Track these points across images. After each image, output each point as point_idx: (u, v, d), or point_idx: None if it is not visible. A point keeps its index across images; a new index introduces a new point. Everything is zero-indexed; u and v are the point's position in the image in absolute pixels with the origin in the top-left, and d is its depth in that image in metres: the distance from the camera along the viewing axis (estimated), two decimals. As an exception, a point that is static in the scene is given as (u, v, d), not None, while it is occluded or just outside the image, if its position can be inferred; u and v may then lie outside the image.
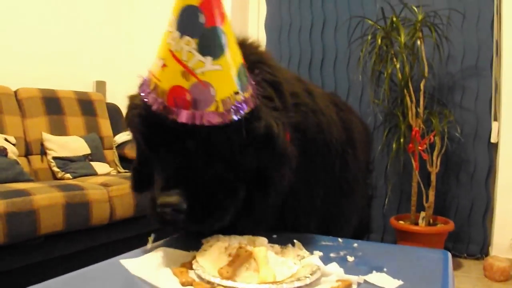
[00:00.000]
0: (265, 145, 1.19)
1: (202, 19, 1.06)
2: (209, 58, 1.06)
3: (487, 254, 3.52)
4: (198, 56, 1.06)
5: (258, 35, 4.39)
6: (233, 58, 1.12)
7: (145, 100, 1.12)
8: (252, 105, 1.14)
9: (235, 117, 1.10)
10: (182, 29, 1.06)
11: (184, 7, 1.07)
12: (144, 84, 1.16)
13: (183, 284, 0.99)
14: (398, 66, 3.27)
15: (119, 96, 4.51)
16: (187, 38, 1.06)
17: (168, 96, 1.08)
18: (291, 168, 1.27)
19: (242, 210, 1.23)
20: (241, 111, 1.11)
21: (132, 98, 1.25)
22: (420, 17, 3.25)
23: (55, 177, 3.35)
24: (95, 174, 3.41)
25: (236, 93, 1.12)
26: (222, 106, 1.09)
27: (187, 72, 1.06)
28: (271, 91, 1.25)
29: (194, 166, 1.14)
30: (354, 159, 1.75)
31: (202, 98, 1.07)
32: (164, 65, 1.09)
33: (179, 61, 1.06)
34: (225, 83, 1.10)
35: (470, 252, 3.63)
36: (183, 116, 1.07)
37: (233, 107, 1.10)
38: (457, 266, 3.44)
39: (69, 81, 4.05)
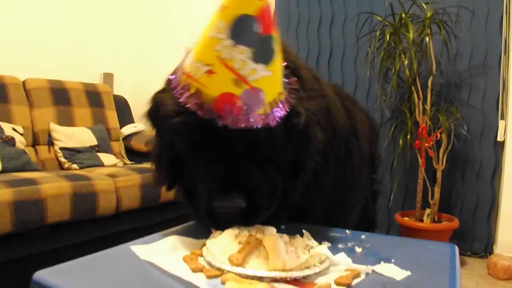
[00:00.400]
0: (303, 138, 1.24)
1: (258, 28, 1.08)
2: (261, 65, 1.09)
3: (491, 252, 3.52)
4: (251, 64, 1.08)
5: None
6: (279, 60, 1.15)
7: (187, 105, 1.12)
8: (290, 101, 1.18)
9: (279, 116, 1.14)
10: (236, 39, 1.07)
11: (240, 17, 1.08)
12: (177, 86, 1.16)
13: (193, 270, 1.00)
14: (406, 62, 3.27)
15: (127, 88, 4.56)
16: (242, 47, 1.07)
17: (217, 102, 1.09)
18: (318, 152, 1.32)
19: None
20: (284, 110, 1.15)
21: (161, 99, 1.25)
22: (429, 14, 3.24)
23: (61, 168, 3.37)
24: (101, 165, 3.43)
25: (280, 93, 1.15)
26: (269, 108, 1.12)
27: (240, 80, 1.08)
28: (295, 80, 1.26)
29: (244, 167, 1.17)
30: (358, 148, 1.75)
31: (253, 103, 1.09)
32: (210, 71, 1.09)
33: (231, 69, 1.07)
34: (274, 86, 1.14)
35: (474, 250, 3.63)
36: (235, 121, 1.09)
37: (277, 107, 1.13)
38: (461, 264, 3.42)
39: (77, 72, 4.08)
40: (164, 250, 1.12)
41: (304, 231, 1.26)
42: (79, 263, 1.04)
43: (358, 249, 1.25)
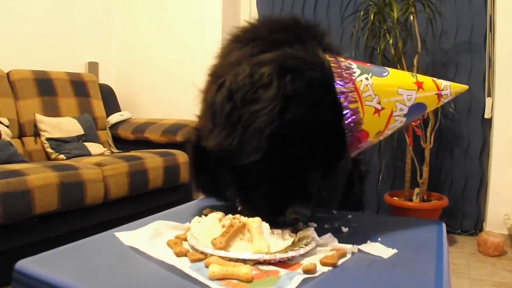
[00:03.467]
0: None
1: None
2: None
3: (481, 229, 3.54)
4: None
5: (250, 12, 4.37)
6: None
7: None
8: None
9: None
10: None
11: None
12: (345, 95, 1.14)
13: (177, 254, 1.00)
14: (391, 42, 3.25)
15: (112, 76, 4.53)
16: None
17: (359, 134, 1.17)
18: None
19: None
20: None
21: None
22: (413, -8, 3.23)
23: (49, 158, 3.34)
24: (89, 154, 3.40)
25: None
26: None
27: (382, 132, 1.24)
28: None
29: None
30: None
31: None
32: (378, 111, 1.17)
33: (388, 121, 1.22)
34: None
35: (464, 228, 3.65)
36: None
37: None
38: (451, 242, 3.46)
39: (62, 62, 4.03)
40: (148, 235, 1.11)
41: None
42: (62, 251, 1.03)
43: (345, 229, 1.26)
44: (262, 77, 1.08)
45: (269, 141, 1.06)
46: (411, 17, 3.22)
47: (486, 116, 3.51)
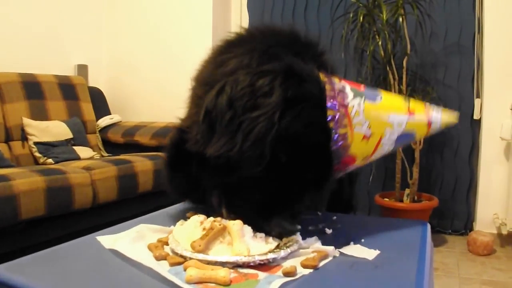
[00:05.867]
0: None
1: None
2: None
3: (471, 229, 3.56)
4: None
5: (241, 15, 4.36)
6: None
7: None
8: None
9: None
10: None
11: None
12: (336, 121, 1.13)
13: (157, 258, 0.99)
14: (380, 43, 3.26)
15: (102, 79, 4.51)
16: None
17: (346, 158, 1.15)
18: None
19: None
20: None
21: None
22: (402, -6, 3.23)
23: (37, 163, 3.32)
24: (77, 158, 3.38)
25: None
26: None
27: (371, 156, 1.20)
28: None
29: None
30: None
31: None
32: (367, 137, 1.15)
33: (377, 146, 1.19)
34: None
35: (454, 228, 3.67)
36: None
37: None
38: (441, 242, 3.47)
39: (50, 65, 4.01)
40: (130, 238, 1.10)
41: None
42: (40, 256, 1.02)
43: (329, 231, 1.25)
44: (262, 86, 1.07)
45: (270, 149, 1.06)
46: (400, 19, 3.23)
47: (475, 117, 3.53)
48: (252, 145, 1.04)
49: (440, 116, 1.26)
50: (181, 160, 1.30)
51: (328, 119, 1.09)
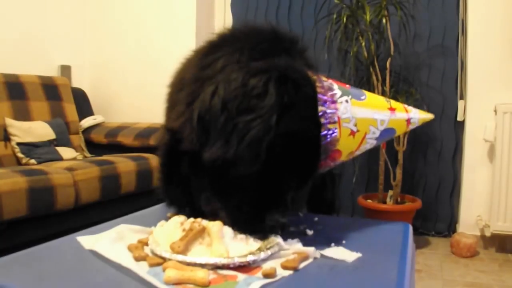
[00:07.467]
0: None
1: None
2: None
3: (454, 231, 3.56)
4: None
5: (224, 16, 4.35)
6: None
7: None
8: None
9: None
10: None
11: None
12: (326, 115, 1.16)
13: (136, 258, 0.98)
14: (364, 44, 3.27)
15: (85, 80, 4.48)
16: None
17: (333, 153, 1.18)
18: None
19: None
20: None
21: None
22: (385, -5, 3.24)
23: (19, 163, 3.28)
24: (60, 159, 3.35)
25: None
26: None
27: (354, 152, 1.25)
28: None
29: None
30: None
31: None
32: (354, 133, 1.20)
33: (361, 142, 1.24)
34: None
35: (438, 230, 3.68)
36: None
37: None
38: (425, 244, 3.48)
39: (33, 65, 3.97)
40: (110, 239, 1.09)
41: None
42: (18, 256, 1.01)
43: (310, 232, 1.24)
44: (255, 87, 1.06)
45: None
46: (384, 20, 3.24)
47: (459, 118, 3.55)
48: (248, 147, 1.03)
49: (418, 114, 1.34)
50: (176, 170, 1.30)
51: (319, 115, 1.12)
